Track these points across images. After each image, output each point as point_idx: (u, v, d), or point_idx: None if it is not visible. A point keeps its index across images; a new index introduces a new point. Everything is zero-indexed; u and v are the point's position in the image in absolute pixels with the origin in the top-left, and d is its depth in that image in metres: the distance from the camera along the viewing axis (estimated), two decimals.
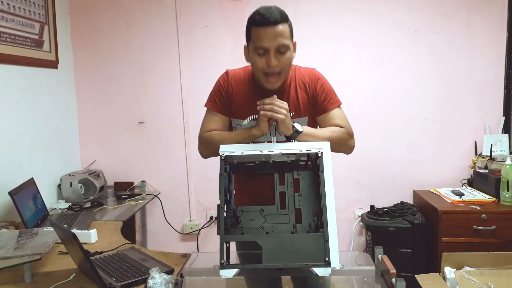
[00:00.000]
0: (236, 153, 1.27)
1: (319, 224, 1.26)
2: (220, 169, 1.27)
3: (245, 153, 1.28)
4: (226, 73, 1.57)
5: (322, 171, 1.22)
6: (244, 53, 1.49)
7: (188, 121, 2.90)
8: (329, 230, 1.16)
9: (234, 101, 1.52)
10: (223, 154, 1.28)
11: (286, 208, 1.33)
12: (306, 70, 1.56)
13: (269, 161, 1.37)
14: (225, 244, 1.20)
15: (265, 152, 1.27)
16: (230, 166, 1.34)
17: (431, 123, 2.78)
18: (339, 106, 1.53)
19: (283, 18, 1.36)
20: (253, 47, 1.39)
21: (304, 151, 1.27)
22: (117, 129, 2.97)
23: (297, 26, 2.94)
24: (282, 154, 1.30)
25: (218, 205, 1.23)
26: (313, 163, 1.32)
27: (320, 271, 1.14)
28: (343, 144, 1.47)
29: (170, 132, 2.93)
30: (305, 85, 1.52)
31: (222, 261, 1.17)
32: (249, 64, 1.55)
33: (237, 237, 1.31)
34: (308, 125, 1.47)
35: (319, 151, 1.26)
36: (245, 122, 1.52)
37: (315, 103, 1.51)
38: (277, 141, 1.46)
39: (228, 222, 1.29)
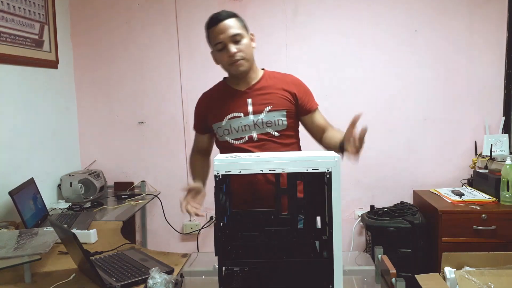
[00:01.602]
0: (232, 172, 1.12)
1: (323, 245, 1.20)
2: (215, 189, 1.12)
3: (243, 172, 1.13)
4: (200, 97, 1.73)
5: (330, 194, 1.10)
6: (213, 58, 1.65)
7: (188, 121, 2.90)
8: (334, 257, 1.10)
9: (211, 112, 1.65)
10: (218, 173, 1.12)
11: (288, 213, 1.28)
12: (285, 75, 1.67)
13: None
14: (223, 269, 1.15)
15: (266, 171, 1.12)
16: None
17: (431, 123, 2.78)
18: (318, 108, 1.67)
19: (231, 15, 1.56)
20: (214, 48, 1.58)
21: (310, 170, 1.11)
22: (117, 129, 2.97)
23: (296, 26, 2.95)
24: (286, 172, 1.15)
25: (215, 226, 1.14)
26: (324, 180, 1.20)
27: None
28: None
29: (170, 132, 2.93)
30: (286, 84, 1.61)
31: None
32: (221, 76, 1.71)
33: (236, 262, 1.21)
34: (286, 119, 1.58)
35: (328, 171, 1.10)
36: (224, 122, 1.61)
37: (298, 103, 1.61)
38: (258, 134, 1.57)
39: (226, 228, 1.23)
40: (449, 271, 2.08)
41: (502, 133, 2.70)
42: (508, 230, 2.27)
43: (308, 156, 1.14)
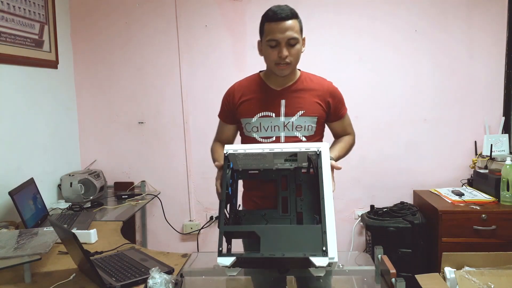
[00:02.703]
0: (239, 151, 1.31)
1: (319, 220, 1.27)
2: (223, 166, 1.32)
3: (248, 151, 1.30)
4: (233, 86, 1.69)
5: (321, 167, 1.25)
6: (258, 47, 1.62)
7: (188, 121, 2.90)
8: (326, 222, 1.16)
9: (242, 106, 1.63)
10: (226, 152, 1.31)
11: (288, 212, 1.35)
12: (320, 78, 1.68)
13: (272, 169, 1.40)
14: (223, 235, 1.21)
15: (267, 150, 1.30)
16: (235, 173, 1.39)
17: (431, 123, 2.78)
18: (346, 113, 1.72)
19: (293, 14, 1.51)
20: (266, 41, 1.53)
21: (303, 149, 1.30)
22: (117, 129, 2.97)
23: None
24: (284, 156, 1.33)
25: (220, 199, 1.26)
26: (315, 170, 1.33)
27: (317, 260, 1.13)
28: (351, 149, 1.71)
29: (170, 132, 2.93)
30: (322, 92, 1.62)
31: (220, 249, 1.18)
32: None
33: (235, 227, 1.33)
34: (316, 125, 1.60)
35: (318, 150, 1.29)
36: (254, 119, 1.60)
37: (330, 111, 1.64)
38: (285, 137, 1.58)
39: (230, 221, 1.30)
40: (449, 271, 2.08)
41: (502, 133, 2.70)
42: (508, 230, 2.27)
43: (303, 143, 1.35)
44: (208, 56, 2.85)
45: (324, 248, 1.13)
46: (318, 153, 1.29)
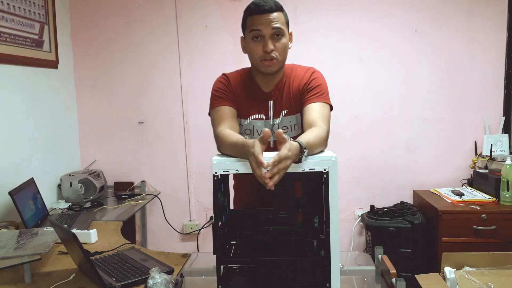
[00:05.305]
0: (230, 172, 1.16)
1: (321, 244, 1.22)
2: (213, 188, 1.14)
3: (241, 171, 1.15)
4: (225, 75, 1.56)
5: (327, 193, 1.11)
6: (241, 44, 1.52)
7: (188, 121, 2.90)
8: (331, 254, 1.11)
9: (237, 103, 1.52)
10: (216, 173, 1.14)
11: (286, 212, 1.28)
12: (304, 68, 1.56)
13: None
14: (222, 267, 1.17)
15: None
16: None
17: (431, 123, 2.78)
18: (326, 104, 1.47)
19: (278, 6, 1.41)
20: (249, 34, 1.43)
21: (307, 170, 1.12)
22: (117, 129, 2.97)
23: (297, 25, 2.94)
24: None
25: (213, 225, 1.15)
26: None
27: None
28: (323, 143, 1.28)
29: (170, 132, 2.93)
30: (300, 79, 1.51)
31: (220, 287, 1.15)
32: (244, 67, 1.58)
33: (234, 260, 1.25)
34: (301, 124, 1.47)
35: (325, 170, 1.10)
36: (247, 121, 1.53)
37: (303, 94, 1.48)
38: (274, 141, 1.47)
39: (225, 227, 1.25)
40: (449, 271, 2.08)
41: (502, 133, 2.70)
42: (508, 230, 2.27)
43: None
44: (208, 56, 2.85)
45: (328, 284, 1.12)
46: (324, 175, 1.10)
